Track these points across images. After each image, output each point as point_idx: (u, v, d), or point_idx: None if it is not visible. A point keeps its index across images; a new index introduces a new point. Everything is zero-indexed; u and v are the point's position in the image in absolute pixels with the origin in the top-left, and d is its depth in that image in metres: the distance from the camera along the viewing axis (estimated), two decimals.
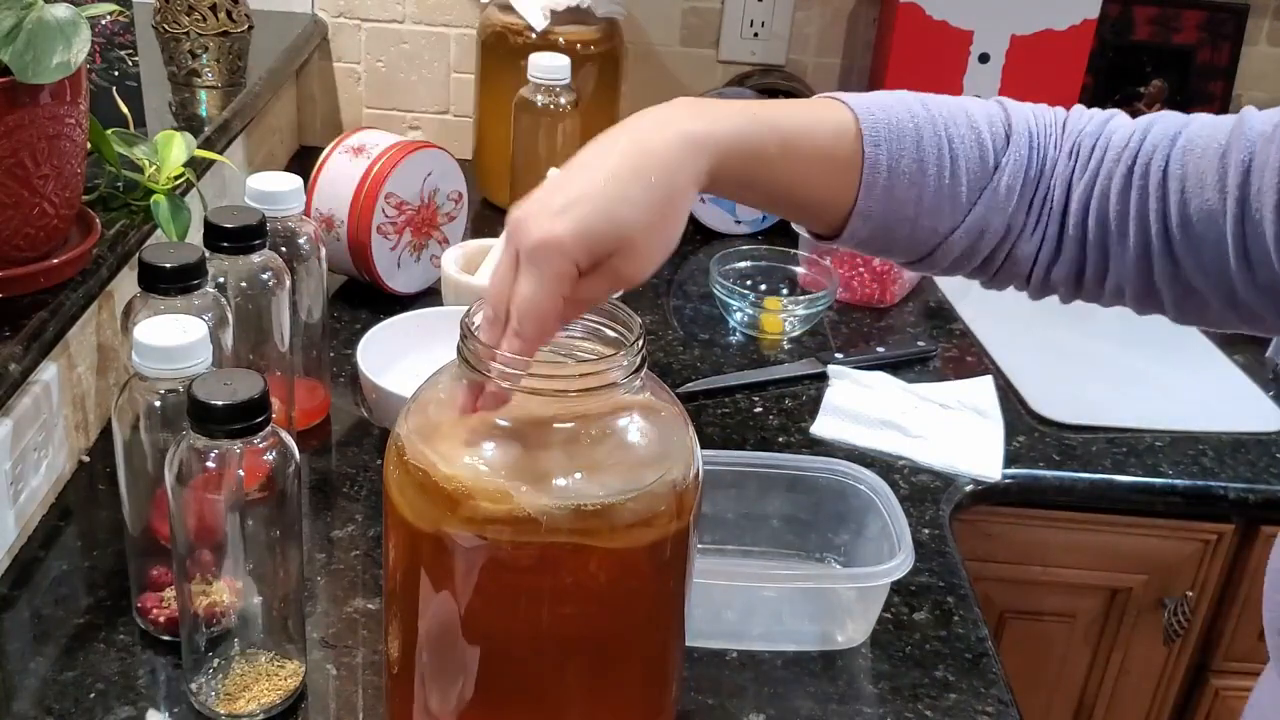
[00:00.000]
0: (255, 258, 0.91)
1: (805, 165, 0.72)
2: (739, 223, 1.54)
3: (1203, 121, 0.74)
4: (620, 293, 0.65)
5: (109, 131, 0.97)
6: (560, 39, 1.44)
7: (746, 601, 0.88)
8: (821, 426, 1.14)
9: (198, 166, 1.08)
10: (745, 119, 0.69)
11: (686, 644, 0.74)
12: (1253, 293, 0.71)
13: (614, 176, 0.63)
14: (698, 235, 1.54)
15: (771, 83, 1.57)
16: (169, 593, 0.82)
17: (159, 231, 0.97)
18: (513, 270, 0.63)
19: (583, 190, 0.63)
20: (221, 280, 0.90)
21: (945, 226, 0.76)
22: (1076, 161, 0.76)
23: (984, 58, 1.54)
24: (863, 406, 1.15)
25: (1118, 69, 1.67)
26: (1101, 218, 0.75)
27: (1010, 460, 1.12)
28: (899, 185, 0.74)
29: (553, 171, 1.17)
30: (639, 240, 0.63)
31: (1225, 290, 0.72)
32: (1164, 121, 0.75)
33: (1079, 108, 0.79)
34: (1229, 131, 0.71)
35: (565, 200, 0.62)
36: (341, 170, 1.24)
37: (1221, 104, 1.67)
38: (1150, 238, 0.73)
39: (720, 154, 0.67)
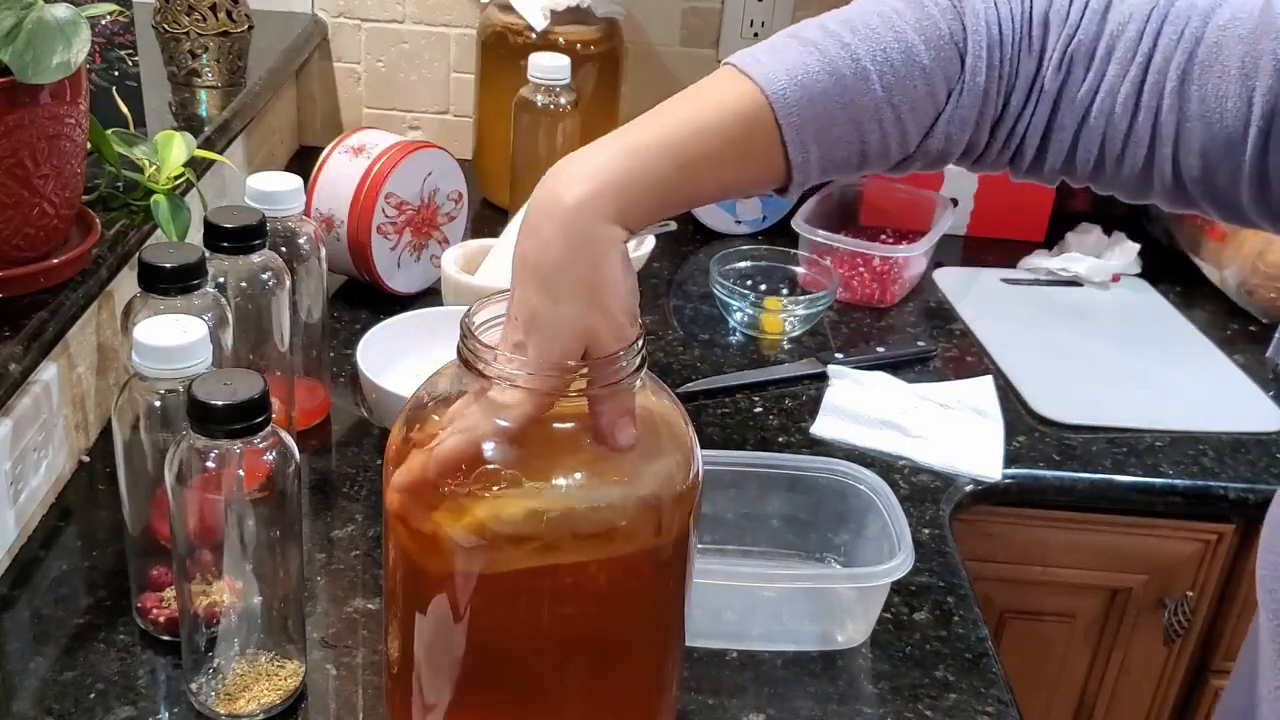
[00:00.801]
0: (255, 258, 0.91)
1: (718, 170, 0.66)
2: (739, 223, 1.54)
3: (1225, 18, 0.65)
4: None
5: (109, 131, 0.97)
6: (560, 39, 1.44)
7: (746, 601, 0.88)
8: (821, 426, 1.14)
9: (198, 166, 1.08)
10: (632, 157, 0.63)
11: (686, 644, 0.74)
12: (1261, 213, 0.67)
13: (541, 290, 0.61)
14: (698, 235, 1.54)
15: None
16: (169, 593, 0.82)
17: (159, 231, 0.97)
18: None
19: (525, 316, 0.62)
20: (221, 280, 0.90)
21: (896, 158, 0.70)
22: (1069, 74, 0.68)
23: None
24: (863, 406, 1.15)
25: None
26: (1100, 136, 0.68)
27: (1010, 460, 1.12)
28: (835, 151, 0.68)
29: None
30: (592, 326, 0.62)
31: (1231, 209, 0.68)
32: (1180, 12, 0.66)
33: None
34: (1253, 34, 0.63)
35: (519, 334, 0.62)
36: (341, 170, 1.24)
37: None
38: (1154, 161, 0.68)
39: (619, 205, 0.62)
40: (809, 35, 0.68)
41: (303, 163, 1.56)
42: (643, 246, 1.30)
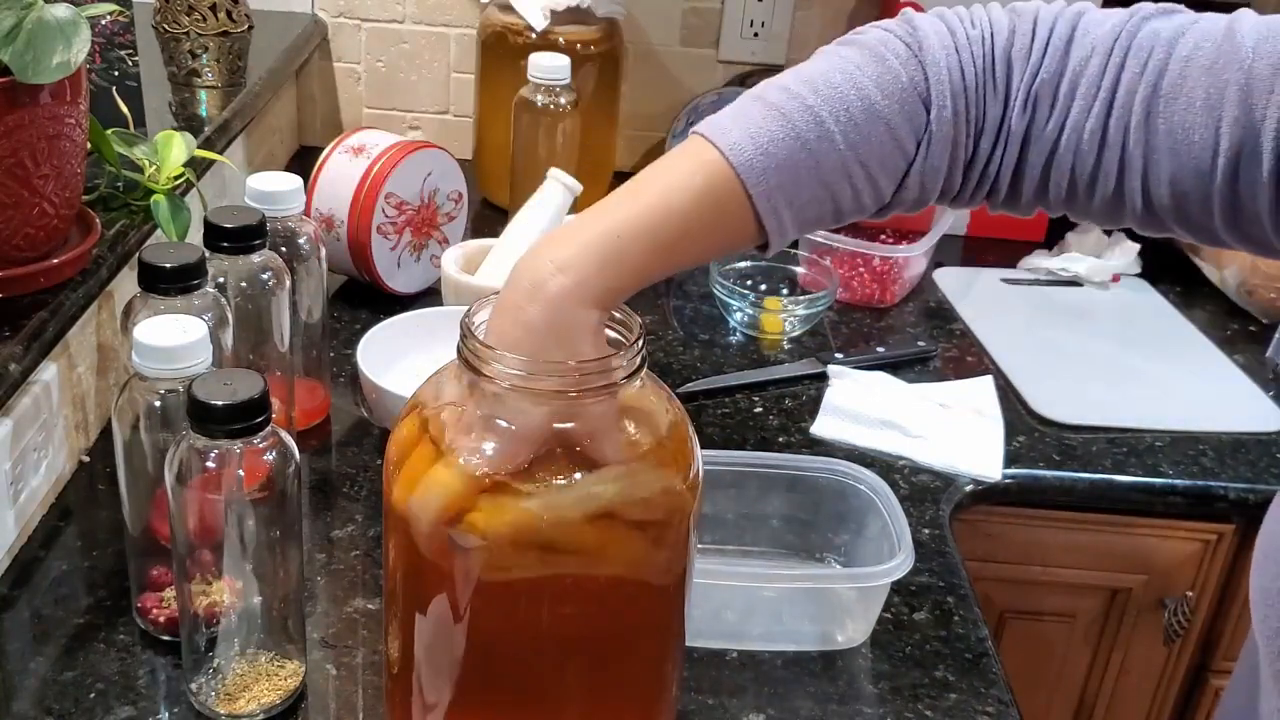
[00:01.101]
0: (255, 258, 0.91)
1: (696, 244, 0.68)
2: None
3: (1188, 48, 0.65)
4: None
5: (109, 131, 0.97)
6: (560, 39, 1.44)
7: (746, 601, 0.88)
8: (821, 426, 1.14)
9: (198, 166, 1.08)
10: (610, 245, 0.64)
11: (686, 644, 0.74)
12: (1235, 237, 0.67)
13: None
14: None
15: None
16: (169, 593, 0.82)
17: (159, 231, 0.97)
18: None
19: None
20: (221, 280, 0.90)
21: (872, 209, 0.71)
22: (1035, 113, 0.68)
23: None
24: (863, 406, 1.15)
25: None
26: (1069, 171, 0.69)
27: (1010, 460, 1.12)
28: (808, 211, 0.69)
29: (552, 171, 1.18)
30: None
31: (1205, 233, 0.68)
32: (1143, 43, 0.66)
33: (1023, 25, 0.69)
34: (1216, 65, 0.63)
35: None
36: (341, 170, 1.24)
37: None
38: (1124, 193, 0.68)
39: (599, 293, 0.64)
40: (772, 98, 0.68)
41: (303, 163, 1.56)
42: None
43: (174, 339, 0.74)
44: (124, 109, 1.08)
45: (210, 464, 0.71)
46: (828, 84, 0.68)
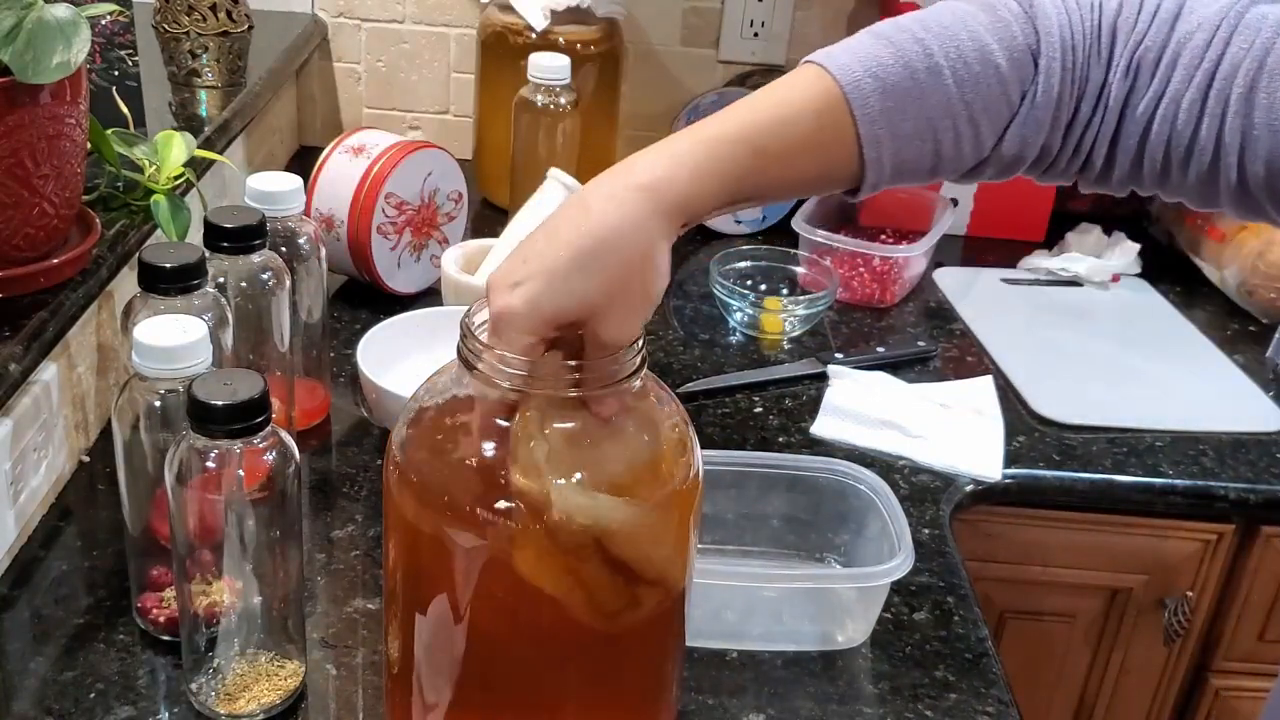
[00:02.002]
0: (255, 258, 0.91)
1: (793, 161, 0.67)
2: (739, 223, 1.54)
3: None
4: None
5: (109, 131, 0.97)
6: (560, 39, 1.44)
7: (746, 601, 0.88)
8: (821, 426, 1.14)
9: (198, 166, 1.08)
10: (708, 144, 0.64)
11: (686, 644, 0.74)
12: None
13: (571, 252, 0.61)
14: (698, 235, 1.53)
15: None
16: (169, 593, 0.82)
17: (159, 231, 0.97)
18: None
19: (538, 266, 0.61)
20: (221, 280, 0.90)
21: (970, 162, 0.71)
22: (1135, 80, 0.69)
23: None
24: (863, 406, 1.15)
25: None
26: (1164, 144, 0.69)
27: (1010, 460, 1.12)
28: (908, 149, 0.69)
29: (552, 171, 1.18)
30: (602, 307, 0.61)
31: None
32: (1250, 23, 0.66)
33: None
34: None
35: (523, 274, 0.62)
36: (341, 170, 1.24)
37: None
38: (1219, 169, 0.68)
39: (684, 200, 0.63)
40: (884, 31, 0.69)
41: (303, 163, 1.56)
42: None
43: (174, 339, 0.74)
44: (124, 109, 1.08)
45: (210, 464, 0.71)
46: (939, 24, 0.69)
